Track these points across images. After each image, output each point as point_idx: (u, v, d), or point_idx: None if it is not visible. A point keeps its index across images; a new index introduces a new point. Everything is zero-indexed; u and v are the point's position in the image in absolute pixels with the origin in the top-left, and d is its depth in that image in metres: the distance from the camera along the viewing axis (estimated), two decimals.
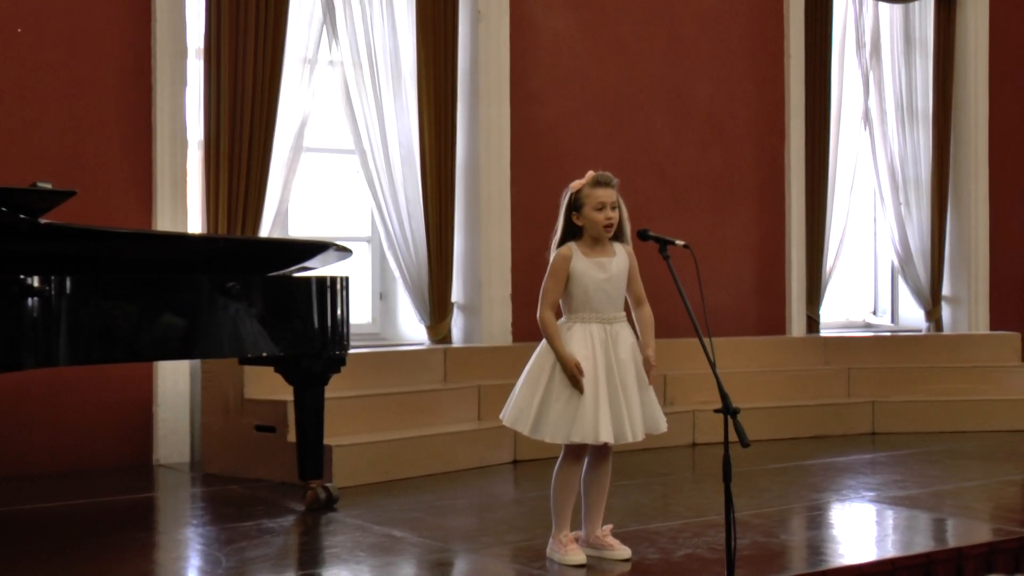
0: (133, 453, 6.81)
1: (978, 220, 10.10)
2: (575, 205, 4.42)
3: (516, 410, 4.45)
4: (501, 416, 4.54)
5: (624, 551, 4.52)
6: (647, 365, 4.44)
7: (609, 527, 4.60)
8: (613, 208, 4.40)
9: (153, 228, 6.75)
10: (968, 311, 10.02)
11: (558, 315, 4.48)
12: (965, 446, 7.68)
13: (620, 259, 4.47)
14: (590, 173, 4.44)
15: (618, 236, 4.47)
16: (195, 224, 7.04)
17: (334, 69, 7.56)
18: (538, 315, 4.43)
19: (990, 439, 7.96)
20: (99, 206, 6.57)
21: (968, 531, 5.26)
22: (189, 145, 6.98)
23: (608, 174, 4.43)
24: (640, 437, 4.41)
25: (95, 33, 6.75)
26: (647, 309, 4.54)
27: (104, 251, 5.18)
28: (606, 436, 4.33)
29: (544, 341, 4.45)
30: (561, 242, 4.47)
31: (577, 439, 4.34)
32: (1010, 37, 10.40)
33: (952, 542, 4.97)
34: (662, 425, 4.50)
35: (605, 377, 4.36)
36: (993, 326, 10.04)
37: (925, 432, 8.24)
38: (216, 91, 6.87)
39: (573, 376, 4.33)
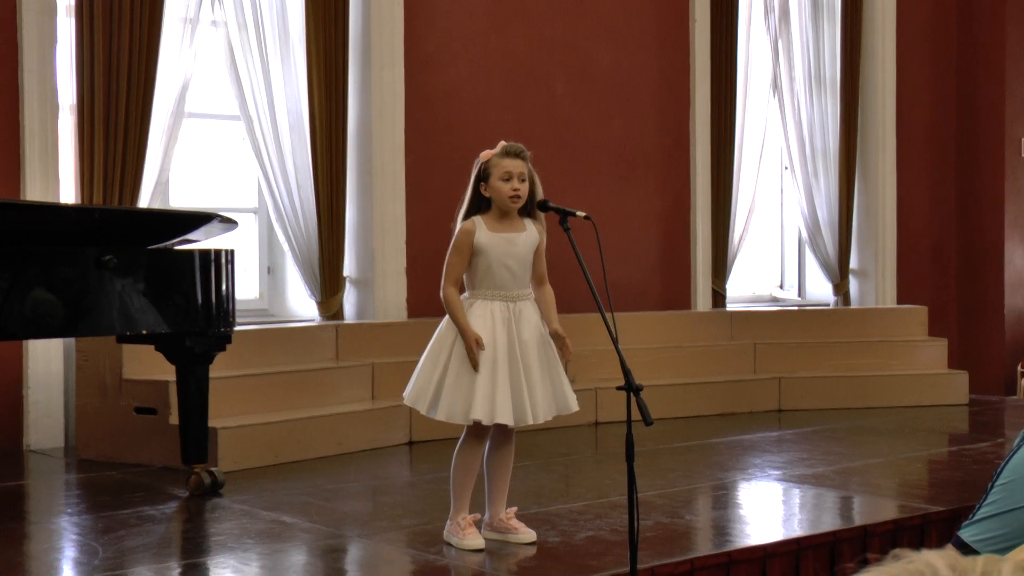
0: (2, 438, 6.55)
1: (885, 191, 10.07)
2: (484, 175, 4.36)
3: (417, 389, 4.39)
4: (404, 395, 4.49)
5: (529, 534, 4.49)
6: (559, 339, 4.38)
7: (513, 510, 4.55)
8: (522, 180, 4.33)
9: (21, 197, 6.46)
10: (875, 284, 10.03)
11: (461, 290, 4.42)
12: (871, 422, 7.79)
13: (530, 235, 4.41)
14: (502, 143, 4.38)
15: (529, 211, 4.41)
16: (68, 194, 6.78)
17: (217, 30, 7.35)
18: (441, 291, 4.37)
19: (896, 415, 8.12)
20: None
21: (874, 509, 5.31)
22: (60, 109, 6.72)
23: (520, 145, 4.37)
24: (544, 419, 4.37)
25: None
26: (549, 288, 4.51)
27: None
28: (503, 417, 4.27)
29: (447, 318, 4.40)
30: (468, 214, 4.40)
31: (475, 417, 4.26)
32: (917, 5, 10.36)
33: (858, 520, 5.03)
34: (573, 405, 4.46)
35: (506, 357, 4.29)
36: (900, 299, 10.05)
37: (831, 408, 8.32)
38: (89, 51, 6.61)
39: (471, 349, 4.25)
